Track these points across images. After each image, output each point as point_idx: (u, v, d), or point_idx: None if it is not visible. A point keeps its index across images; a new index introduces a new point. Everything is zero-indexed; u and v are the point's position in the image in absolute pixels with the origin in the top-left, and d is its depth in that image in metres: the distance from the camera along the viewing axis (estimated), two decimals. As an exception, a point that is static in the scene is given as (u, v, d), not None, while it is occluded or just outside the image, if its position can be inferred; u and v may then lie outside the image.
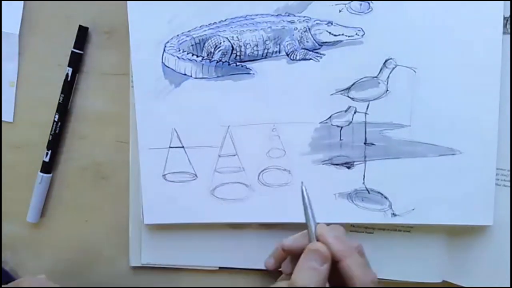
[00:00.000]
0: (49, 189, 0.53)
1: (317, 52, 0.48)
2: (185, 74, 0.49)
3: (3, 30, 0.51)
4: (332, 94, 0.48)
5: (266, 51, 0.48)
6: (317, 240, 0.42)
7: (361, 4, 0.47)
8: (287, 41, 0.48)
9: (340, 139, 0.48)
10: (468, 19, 0.46)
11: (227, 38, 0.48)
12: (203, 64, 0.49)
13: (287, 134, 0.48)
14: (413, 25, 0.46)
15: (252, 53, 0.48)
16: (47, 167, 0.52)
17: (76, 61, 0.51)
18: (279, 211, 0.49)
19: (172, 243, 0.51)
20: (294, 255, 0.44)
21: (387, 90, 0.47)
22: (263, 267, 0.50)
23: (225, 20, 0.48)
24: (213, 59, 0.48)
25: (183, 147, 0.49)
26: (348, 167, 0.48)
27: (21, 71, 0.52)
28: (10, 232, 0.53)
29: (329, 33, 0.47)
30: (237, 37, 0.48)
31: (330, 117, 0.48)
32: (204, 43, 0.48)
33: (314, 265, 0.40)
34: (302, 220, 0.49)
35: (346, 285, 0.40)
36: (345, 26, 0.47)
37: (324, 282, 0.40)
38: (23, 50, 0.52)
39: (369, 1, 0.47)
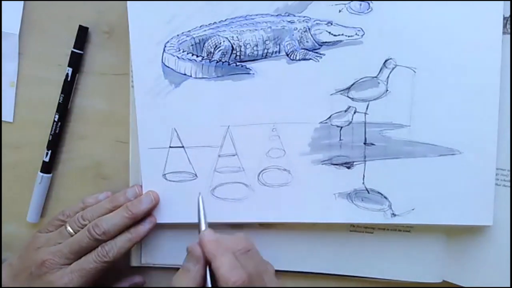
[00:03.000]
0: (49, 189, 0.53)
1: (317, 52, 0.48)
2: (185, 74, 0.49)
3: (3, 30, 0.51)
4: (332, 94, 0.48)
5: (266, 51, 0.48)
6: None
7: (361, 4, 0.47)
8: (287, 41, 0.48)
9: (340, 139, 0.48)
10: (468, 19, 0.46)
11: (227, 38, 0.48)
12: (203, 64, 0.49)
13: (287, 134, 0.48)
14: (413, 25, 0.46)
15: (252, 53, 0.48)
16: (47, 167, 0.52)
17: (76, 61, 0.51)
18: (279, 211, 0.49)
19: (172, 243, 0.51)
20: None
21: (387, 90, 0.47)
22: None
23: (225, 20, 0.48)
24: (213, 59, 0.48)
25: (183, 147, 0.49)
26: (348, 167, 0.48)
27: (21, 71, 0.52)
28: (10, 232, 0.53)
29: (329, 33, 0.47)
30: (237, 37, 0.48)
31: (330, 117, 0.48)
32: (204, 43, 0.48)
33: (189, 265, 0.42)
34: (301, 220, 0.49)
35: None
36: (345, 26, 0.47)
37: (198, 281, 0.41)
38: (23, 50, 0.52)
39: (369, 1, 0.47)
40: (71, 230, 0.47)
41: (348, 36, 0.47)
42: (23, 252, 0.48)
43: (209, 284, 0.42)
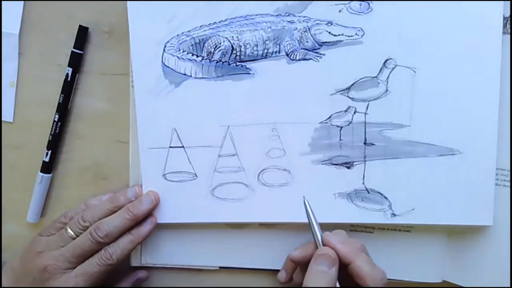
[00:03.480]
0: (49, 189, 0.53)
1: (317, 52, 0.48)
2: (185, 74, 0.49)
3: (3, 30, 0.51)
4: (332, 94, 0.48)
5: (266, 51, 0.48)
6: (324, 246, 0.44)
7: (361, 4, 0.47)
8: (287, 41, 0.48)
9: (340, 139, 0.48)
10: (468, 19, 0.46)
11: (227, 38, 0.48)
12: (203, 64, 0.49)
13: (287, 134, 0.48)
14: (413, 25, 0.46)
15: (252, 53, 0.48)
16: (47, 167, 0.52)
17: (76, 61, 0.51)
18: (279, 211, 0.49)
19: (172, 243, 0.51)
20: (303, 265, 0.45)
21: (387, 90, 0.47)
22: (263, 267, 0.50)
23: (225, 20, 0.48)
24: (213, 59, 0.48)
25: (183, 147, 0.49)
26: (348, 167, 0.48)
27: (21, 71, 0.52)
28: (10, 232, 0.53)
29: (329, 33, 0.47)
30: (237, 37, 0.48)
31: (330, 117, 0.48)
32: (204, 43, 0.48)
33: (324, 268, 0.42)
34: (301, 220, 0.49)
35: (357, 285, 0.42)
36: (345, 26, 0.47)
37: (333, 283, 0.42)
38: (23, 50, 0.52)
39: (369, 1, 0.47)
40: (71, 233, 0.47)
41: (348, 36, 0.47)
42: (24, 256, 0.47)
43: (337, 284, 0.42)
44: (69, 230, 0.47)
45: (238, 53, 0.48)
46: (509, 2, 0.46)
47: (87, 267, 0.45)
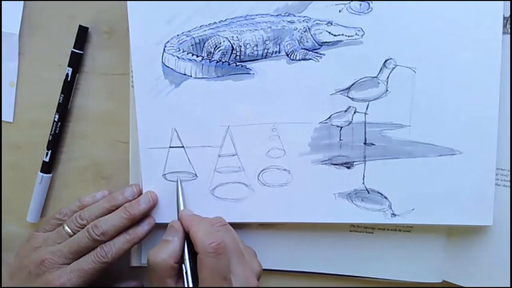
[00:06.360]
0: (49, 189, 0.53)
1: (317, 52, 0.48)
2: (185, 74, 0.49)
3: (3, 30, 0.51)
4: (332, 94, 0.48)
5: (266, 51, 0.48)
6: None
7: (361, 4, 0.47)
8: (287, 41, 0.48)
9: (340, 139, 0.48)
10: (468, 19, 0.46)
11: (227, 38, 0.48)
12: (203, 64, 0.49)
13: (287, 134, 0.48)
14: (413, 25, 0.46)
15: (252, 53, 0.48)
16: (47, 167, 0.52)
17: (76, 61, 0.51)
18: (278, 211, 0.49)
19: (172, 243, 0.51)
20: None
21: (387, 90, 0.47)
22: (263, 267, 0.50)
23: (225, 20, 0.48)
24: (213, 59, 0.48)
25: (183, 147, 0.49)
26: (348, 167, 0.48)
27: (21, 71, 0.52)
28: (10, 232, 0.53)
29: (329, 33, 0.47)
30: (237, 37, 0.48)
31: (329, 117, 0.48)
32: (204, 43, 0.48)
33: (167, 237, 0.46)
34: (301, 220, 0.49)
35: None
36: (345, 26, 0.47)
37: (176, 251, 0.45)
38: (23, 50, 0.52)
39: (369, 1, 0.47)
40: (69, 230, 0.47)
41: (348, 36, 0.47)
42: (20, 251, 0.48)
43: (186, 254, 0.45)
44: (67, 228, 0.47)
45: (238, 53, 0.48)
46: (509, 2, 0.46)
47: (82, 263, 0.45)
